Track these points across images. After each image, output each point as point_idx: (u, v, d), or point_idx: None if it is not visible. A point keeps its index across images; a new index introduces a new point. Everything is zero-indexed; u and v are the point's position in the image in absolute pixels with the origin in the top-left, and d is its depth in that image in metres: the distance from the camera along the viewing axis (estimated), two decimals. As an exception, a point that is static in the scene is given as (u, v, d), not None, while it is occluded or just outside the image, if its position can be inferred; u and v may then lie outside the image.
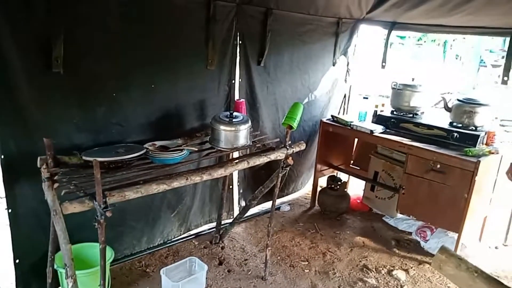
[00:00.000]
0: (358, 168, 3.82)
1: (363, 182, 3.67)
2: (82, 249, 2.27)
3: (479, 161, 2.57)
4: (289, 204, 3.76)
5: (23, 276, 2.16)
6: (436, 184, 2.78)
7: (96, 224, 1.73)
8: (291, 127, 2.43)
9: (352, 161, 3.92)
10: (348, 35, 3.84)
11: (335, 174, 3.82)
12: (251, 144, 2.54)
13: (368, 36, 4.33)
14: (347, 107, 4.10)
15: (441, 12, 3.10)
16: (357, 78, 4.20)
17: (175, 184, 1.92)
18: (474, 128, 2.88)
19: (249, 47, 3.01)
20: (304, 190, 4.04)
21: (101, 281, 1.87)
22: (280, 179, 2.55)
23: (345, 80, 4.01)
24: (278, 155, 2.42)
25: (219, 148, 2.42)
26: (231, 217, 3.27)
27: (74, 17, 2.01)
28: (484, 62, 11.42)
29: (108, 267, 2.33)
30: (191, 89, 2.71)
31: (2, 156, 1.95)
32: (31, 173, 1.95)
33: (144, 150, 2.09)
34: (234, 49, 2.92)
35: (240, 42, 2.94)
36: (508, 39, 3.01)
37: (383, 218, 3.57)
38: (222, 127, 2.39)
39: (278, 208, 3.65)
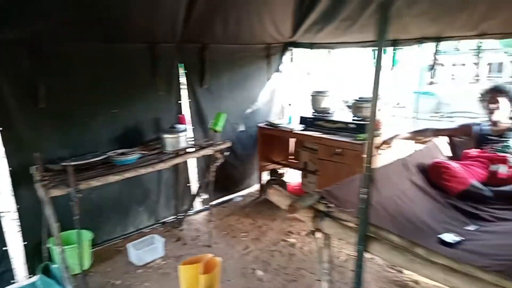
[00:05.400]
0: (296, 161, 4.68)
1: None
2: (68, 235, 3.05)
3: (364, 143, 3.43)
4: (242, 196, 4.62)
5: (29, 254, 3.00)
6: (339, 164, 3.64)
7: (73, 203, 2.57)
8: (216, 131, 3.32)
9: (291, 157, 4.78)
10: (279, 55, 4.76)
11: (276, 168, 4.67)
12: (188, 146, 3.42)
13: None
14: (285, 113, 4.98)
15: (338, 33, 4.02)
16: (292, 89, 5.09)
17: (126, 175, 2.78)
18: (365, 119, 3.76)
19: (192, 74, 3.92)
20: (256, 186, 4.88)
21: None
22: (214, 170, 3.43)
23: (281, 91, 4.90)
24: (207, 151, 3.30)
25: (165, 152, 3.30)
26: (192, 208, 4.12)
27: (53, 68, 2.93)
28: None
29: (88, 247, 3.16)
30: (147, 110, 3.61)
31: (11, 168, 2.84)
32: (29, 179, 2.82)
33: (106, 156, 2.96)
34: (178, 77, 3.83)
35: (185, 71, 3.86)
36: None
37: (317, 199, 4.39)
38: (166, 135, 3.27)
39: (232, 199, 4.50)
